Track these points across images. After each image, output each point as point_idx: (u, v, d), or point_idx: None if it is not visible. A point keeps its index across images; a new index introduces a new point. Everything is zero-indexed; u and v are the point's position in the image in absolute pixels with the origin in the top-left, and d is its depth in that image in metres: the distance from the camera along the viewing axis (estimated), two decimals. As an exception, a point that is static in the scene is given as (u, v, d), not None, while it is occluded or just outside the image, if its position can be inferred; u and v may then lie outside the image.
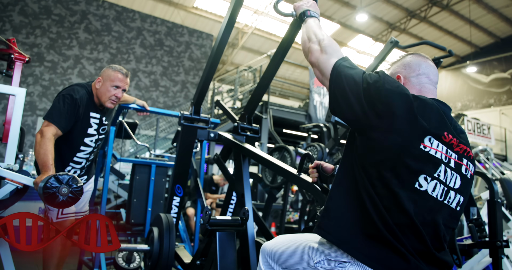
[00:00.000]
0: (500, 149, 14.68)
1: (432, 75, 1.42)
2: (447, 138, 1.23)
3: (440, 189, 1.20)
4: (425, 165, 1.18)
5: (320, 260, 1.33)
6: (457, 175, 1.24)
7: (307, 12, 1.61)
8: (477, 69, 16.58)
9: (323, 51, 1.39)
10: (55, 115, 2.30)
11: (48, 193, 1.49)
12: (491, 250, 2.40)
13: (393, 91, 1.21)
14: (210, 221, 1.74)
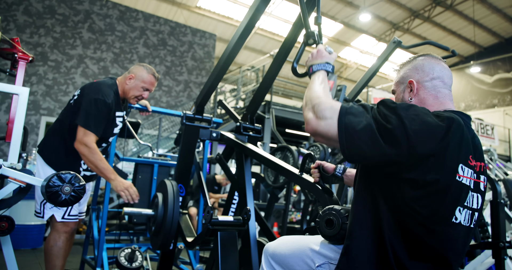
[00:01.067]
0: (504, 150, 14.61)
1: (446, 78, 1.32)
2: (472, 161, 1.16)
3: (468, 215, 1.16)
4: (459, 195, 1.12)
5: (322, 264, 1.33)
6: (477, 195, 1.19)
7: (309, 70, 1.47)
8: (481, 69, 16.51)
9: (319, 117, 1.18)
10: (92, 122, 2.31)
11: (51, 191, 1.49)
12: (494, 251, 2.38)
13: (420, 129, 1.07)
14: (211, 220, 1.74)
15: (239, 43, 2.18)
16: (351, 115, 1.14)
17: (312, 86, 1.35)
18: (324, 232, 1.36)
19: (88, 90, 2.41)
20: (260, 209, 4.85)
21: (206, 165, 3.52)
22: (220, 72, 2.32)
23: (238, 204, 2.63)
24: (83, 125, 2.29)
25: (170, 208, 2.04)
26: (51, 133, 2.52)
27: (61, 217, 2.39)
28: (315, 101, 1.24)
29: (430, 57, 1.36)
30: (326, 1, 13.56)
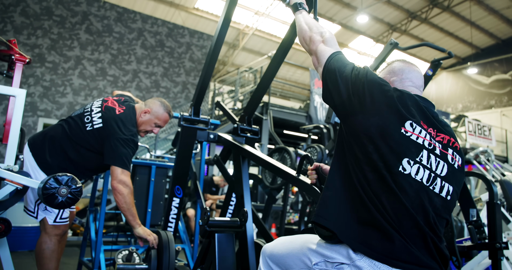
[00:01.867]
0: (501, 151, 14.65)
1: (415, 79, 1.49)
2: (425, 126, 1.29)
3: (425, 173, 1.24)
4: (407, 148, 1.23)
5: (318, 262, 1.34)
6: (443, 163, 1.28)
7: (303, 5, 1.69)
8: (478, 71, 16.57)
9: (325, 42, 1.48)
10: (127, 162, 2.34)
11: (47, 194, 1.49)
12: (491, 251, 2.39)
13: (375, 80, 1.32)
14: (209, 222, 1.74)
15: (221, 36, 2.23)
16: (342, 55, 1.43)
17: (311, 19, 1.62)
18: (321, 232, 1.36)
19: (118, 127, 2.36)
20: (258, 211, 4.85)
21: (204, 167, 3.52)
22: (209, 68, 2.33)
23: (235, 205, 2.63)
24: (120, 164, 2.30)
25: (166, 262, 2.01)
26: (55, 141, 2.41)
27: (52, 221, 2.35)
28: (321, 29, 1.53)
29: (402, 62, 1.56)
30: (324, 3, 13.59)
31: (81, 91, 10.13)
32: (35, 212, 2.33)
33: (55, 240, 2.37)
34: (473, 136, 12.06)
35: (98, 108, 2.47)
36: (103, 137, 2.36)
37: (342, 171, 1.32)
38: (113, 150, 2.32)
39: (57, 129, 2.45)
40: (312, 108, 9.08)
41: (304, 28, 1.57)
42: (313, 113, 9.01)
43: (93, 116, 2.42)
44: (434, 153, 1.27)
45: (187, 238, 3.51)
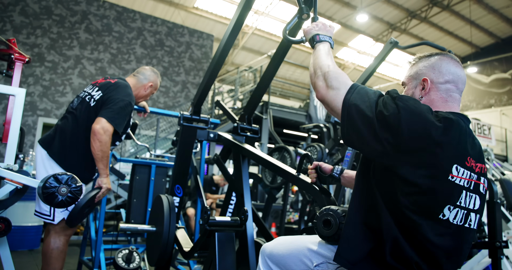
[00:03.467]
0: (501, 150, 14.66)
1: (461, 83, 1.30)
2: (469, 163, 1.17)
3: (461, 214, 1.16)
4: (451, 194, 1.14)
5: (320, 263, 1.33)
6: (476, 196, 1.20)
7: (316, 37, 1.49)
8: (478, 70, 16.57)
9: (329, 86, 1.26)
10: (117, 121, 2.40)
11: (47, 193, 1.49)
12: (491, 250, 2.40)
13: (412, 120, 1.10)
14: (209, 221, 1.74)
15: (230, 40, 2.19)
16: (356, 92, 1.21)
17: (320, 54, 1.41)
18: (321, 232, 1.36)
19: (116, 91, 2.47)
20: (258, 210, 4.85)
21: (204, 166, 3.52)
22: (214, 70, 2.32)
23: (235, 204, 2.63)
24: (110, 119, 2.35)
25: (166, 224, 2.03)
26: (67, 136, 2.43)
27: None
28: (325, 69, 1.31)
29: (449, 57, 1.33)
30: (324, 2, 13.58)
31: (81, 91, 10.13)
32: (51, 214, 2.32)
33: (64, 240, 2.39)
34: (472, 135, 12.05)
35: (94, 87, 2.55)
36: (104, 102, 2.45)
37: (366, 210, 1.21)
38: (110, 107, 2.40)
39: (65, 121, 2.49)
40: (312, 107, 9.08)
41: (311, 72, 1.39)
42: (313, 112, 9.01)
43: (92, 94, 2.51)
44: (470, 190, 1.17)
45: (187, 237, 3.51)
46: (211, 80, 2.38)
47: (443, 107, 1.27)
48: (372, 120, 1.13)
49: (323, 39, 1.48)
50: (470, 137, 1.20)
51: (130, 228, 2.16)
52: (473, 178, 1.17)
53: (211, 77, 2.36)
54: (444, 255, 1.15)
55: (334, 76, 1.28)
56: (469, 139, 1.19)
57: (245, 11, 2.07)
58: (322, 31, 1.52)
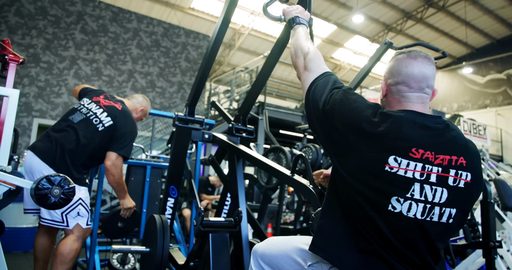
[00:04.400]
0: (496, 150, 14.73)
1: (414, 82, 1.26)
2: (417, 154, 1.14)
3: (419, 207, 1.13)
4: (395, 186, 1.13)
5: (313, 263, 1.33)
6: (441, 189, 1.15)
7: (296, 19, 1.61)
8: (473, 70, 16.65)
9: (306, 67, 1.41)
10: (127, 151, 2.66)
11: (40, 194, 1.48)
12: (484, 250, 2.40)
13: (348, 114, 1.21)
14: (203, 222, 1.74)
15: (219, 37, 2.22)
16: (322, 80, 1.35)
17: (300, 36, 1.54)
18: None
19: (125, 123, 2.68)
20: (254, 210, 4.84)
21: (199, 167, 3.51)
22: (205, 69, 2.32)
23: (230, 205, 2.63)
24: (118, 152, 2.59)
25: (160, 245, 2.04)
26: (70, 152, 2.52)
27: (85, 224, 2.49)
28: (305, 50, 1.46)
29: (405, 56, 1.30)
30: (320, 2, 13.61)
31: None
32: (65, 221, 2.41)
33: (82, 242, 2.49)
34: (468, 135, 12.11)
35: (99, 108, 2.66)
36: (112, 132, 2.61)
37: (337, 200, 1.26)
38: (121, 140, 2.61)
39: (65, 135, 2.55)
40: (308, 108, 9.07)
41: (291, 53, 1.52)
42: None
43: (99, 116, 2.62)
44: (429, 182, 1.14)
45: (182, 238, 3.50)
46: (203, 79, 2.38)
47: (398, 107, 1.28)
48: (319, 110, 1.28)
49: (302, 22, 1.61)
50: (426, 130, 1.18)
51: (123, 250, 2.17)
52: (430, 170, 1.14)
53: (203, 77, 2.36)
54: (404, 247, 1.14)
55: (312, 57, 1.42)
56: (422, 132, 1.17)
57: (232, 8, 2.11)
58: (301, 14, 1.64)
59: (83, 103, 2.72)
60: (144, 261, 2.27)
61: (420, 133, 1.17)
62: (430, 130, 1.19)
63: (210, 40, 2.26)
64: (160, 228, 2.10)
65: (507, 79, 15.64)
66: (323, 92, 1.30)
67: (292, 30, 1.61)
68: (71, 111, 2.70)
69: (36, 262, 2.57)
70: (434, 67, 1.30)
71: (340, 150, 1.21)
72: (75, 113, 2.65)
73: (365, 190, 1.15)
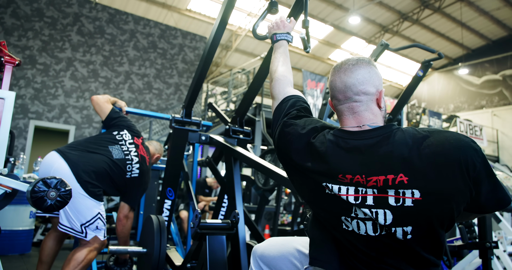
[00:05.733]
0: (492, 150, 14.79)
1: (339, 93, 1.19)
2: (345, 179, 1.09)
3: (368, 225, 1.08)
4: (338, 206, 1.11)
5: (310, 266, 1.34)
6: (383, 211, 1.04)
7: (274, 37, 1.62)
8: (469, 71, 16.73)
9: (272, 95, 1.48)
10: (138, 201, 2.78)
11: (36, 197, 1.47)
12: (481, 251, 2.41)
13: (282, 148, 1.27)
14: (200, 224, 1.74)
15: (216, 39, 2.22)
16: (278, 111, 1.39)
17: (274, 57, 1.56)
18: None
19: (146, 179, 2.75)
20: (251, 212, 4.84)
21: (197, 168, 3.51)
22: (203, 71, 2.32)
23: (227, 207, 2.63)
24: (131, 204, 2.70)
25: (157, 245, 2.04)
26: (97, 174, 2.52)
27: (103, 236, 2.48)
28: (273, 74, 1.49)
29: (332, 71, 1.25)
30: (316, 4, 13.64)
31: (73, 93, 10.07)
32: (84, 232, 2.41)
33: (96, 253, 2.48)
34: (464, 136, 12.14)
35: (136, 157, 2.69)
36: (134, 182, 2.67)
37: None
38: (136, 195, 2.71)
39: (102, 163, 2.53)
40: (305, 109, 9.07)
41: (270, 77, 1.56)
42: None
43: (133, 165, 2.67)
44: (366, 206, 1.06)
45: (179, 240, 3.50)
46: (200, 81, 2.38)
47: (341, 125, 1.23)
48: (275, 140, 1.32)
49: (279, 37, 1.60)
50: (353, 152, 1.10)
51: (120, 250, 2.17)
52: (364, 192, 1.07)
53: (200, 78, 2.36)
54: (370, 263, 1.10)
55: (274, 84, 1.46)
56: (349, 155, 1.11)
57: (229, 9, 2.11)
58: (279, 29, 1.62)
59: (126, 139, 2.70)
60: (141, 262, 2.27)
61: (346, 157, 1.10)
62: (358, 151, 1.10)
63: (207, 42, 2.26)
64: (157, 228, 2.10)
65: (502, 80, 15.73)
66: (276, 126, 1.35)
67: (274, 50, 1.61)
68: (112, 139, 2.67)
69: (41, 265, 2.56)
70: (367, 69, 1.18)
71: (291, 179, 1.28)
72: (115, 146, 2.63)
73: (320, 212, 1.19)
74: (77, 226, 2.40)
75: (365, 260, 1.11)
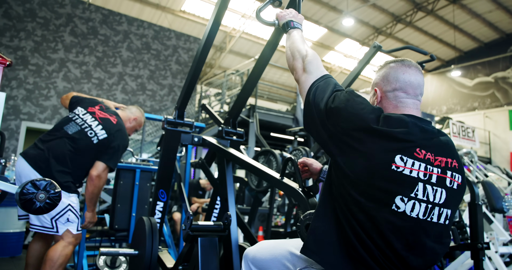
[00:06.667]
0: (485, 152, 14.91)
1: (411, 88, 1.33)
2: (420, 154, 1.18)
3: (422, 207, 1.15)
4: (400, 185, 1.14)
5: (303, 268, 1.33)
6: (441, 190, 1.19)
7: (291, 23, 1.60)
8: (462, 73, 16.85)
9: (305, 69, 1.40)
10: (113, 162, 2.67)
11: (25, 199, 1.45)
12: (472, 252, 2.42)
13: (353, 113, 1.20)
14: (191, 226, 1.73)
15: (209, 40, 2.22)
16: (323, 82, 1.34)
17: (296, 39, 1.53)
18: (304, 236, 1.36)
19: (119, 136, 2.70)
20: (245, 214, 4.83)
21: (190, 170, 3.49)
22: (195, 72, 2.31)
23: (220, 209, 2.61)
24: (107, 163, 2.61)
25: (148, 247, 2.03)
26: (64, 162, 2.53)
27: (76, 230, 2.46)
28: (303, 52, 1.45)
29: (400, 64, 1.37)
30: (310, 6, 13.67)
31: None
32: (54, 227, 2.39)
33: (72, 248, 2.46)
34: (457, 137, 12.25)
35: (94, 121, 2.67)
36: (106, 144, 2.64)
37: (331, 205, 1.25)
38: (112, 153, 2.64)
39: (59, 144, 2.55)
40: (299, 110, 9.10)
41: (288, 55, 1.51)
42: (299, 115, 9.03)
43: (94, 129, 2.64)
44: (430, 183, 1.17)
45: (172, 242, 3.47)
46: (193, 82, 2.37)
47: (394, 112, 1.31)
48: (321, 110, 1.26)
49: (297, 26, 1.60)
50: (425, 133, 1.23)
51: (111, 253, 2.15)
52: (431, 170, 1.18)
53: (193, 79, 2.35)
54: (404, 248, 1.15)
55: (310, 60, 1.41)
56: (423, 135, 1.21)
57: (222, 10, 2.11)
58: (295, 18, 1.63)
59: (78, 113, 2.71)
60: (133, 264, 2.25)
61: (421, 135, 1.21)
62: (428, 133, 1.23)
63: (200, 42, 2.25)
64: (149, 230, 2.08)
65: (494, 82, 15.86)
66: (325, 93, 1.29)
67: (287, 34, 1.60)
68: (65, 120, 2.68)
69: (27, 268, 2.54)
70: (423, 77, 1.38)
71: (346, 150, 1.20)
72: (70, 123, 2.64)
73: (370, 190, 1.14)
74: (47, 221, 2.38)
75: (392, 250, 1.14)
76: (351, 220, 1.16)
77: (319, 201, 1.29)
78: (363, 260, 1.15)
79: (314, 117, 1.28)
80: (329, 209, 1.25)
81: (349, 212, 1.17)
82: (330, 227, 1.22)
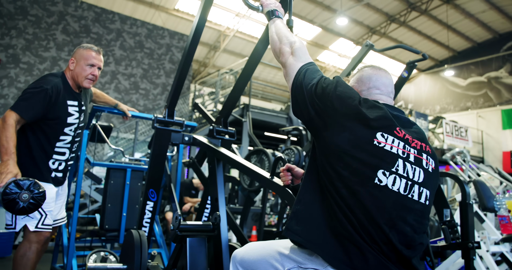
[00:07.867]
0: (477, 151, 15.00)
1: (383, 86, 1.47)
2: (400, 133, 1.28)
3: (402, 183, 1.22)
4: (382, 160, 1.21)
5: (291, 268, 1.32)
6: (419, 169, 1.27)
7: (276, 12, 1.67)
8: (455, 73, 16.95)
9: (293, 53, 1.46)
10: (20, 105, 2.22)
11: (8, 199, 1.42)
12: (463, 251, 2.42)
13: (343, 92, 1.30)
14: (180, 226, 1.70)
15: (195, 37, 2.21)
16: (311, 67, 1.42)
17: (282, 27, 1.60)
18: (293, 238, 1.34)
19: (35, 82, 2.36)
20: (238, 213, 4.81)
21: (181, 170, 3.46)
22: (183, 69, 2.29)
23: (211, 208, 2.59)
24: (12, 107, 2.21)
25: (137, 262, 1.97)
26: None
27: (34, 227, 2.25)
28: (292, 39, 1.51)
29: (370, 68, 1.52)
30: (305, 5, 13.67)
31: None
32: (13, 223, 2.19)
33: (34, 248, 2.27)
34: (450, 137, 12.31)
35: None
36: None
37: (314, 185, 1.30)
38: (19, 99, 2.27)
39: None
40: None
41: (274, 39, 1.56)
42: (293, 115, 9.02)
43: None
44: (409, 161, 1.26)
45: (163, 242, 3.45)
46: (181, 79, 2.35)
47: None
48: (311, 89, 1.33)
49: (280, 16, 1.67)
50: (400, 119, 1.35)
51: (99, 267, 2.07)
52: (409, 150, 1.28)
53: (181, 76, 2.33)
54: (387, 223, 1.18)
55: (299, 46, 1.48)
56: (399, 121, 1.34)
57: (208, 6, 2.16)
58: (279, 9, 1.70)
59: None
60: None
61: (397, 119, 1.33)
62: (400, 119, 1.36)
63: (187, 40, 2.24)
64: (138, 244, 2.02)
65: (487, 82, 15.97)
66: (315, 75, 1.38)
67: (271, 21, 1.66)
68: None
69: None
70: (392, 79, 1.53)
71: (332, 124, 1.27)
72: None
73: (353, 162, 1.21)
74: (9, 216, 2.19)
75: (375, 225, 1.17)
76: (336, 197, 1.21)
77: (301, 187, 1.34)
78: (349, 234, 1.17)
79: (303, 94, 1.34)
80: (312, 188, 1.30)
81: (333, 188, 1.21)
82: (313, 207, 1.27)
